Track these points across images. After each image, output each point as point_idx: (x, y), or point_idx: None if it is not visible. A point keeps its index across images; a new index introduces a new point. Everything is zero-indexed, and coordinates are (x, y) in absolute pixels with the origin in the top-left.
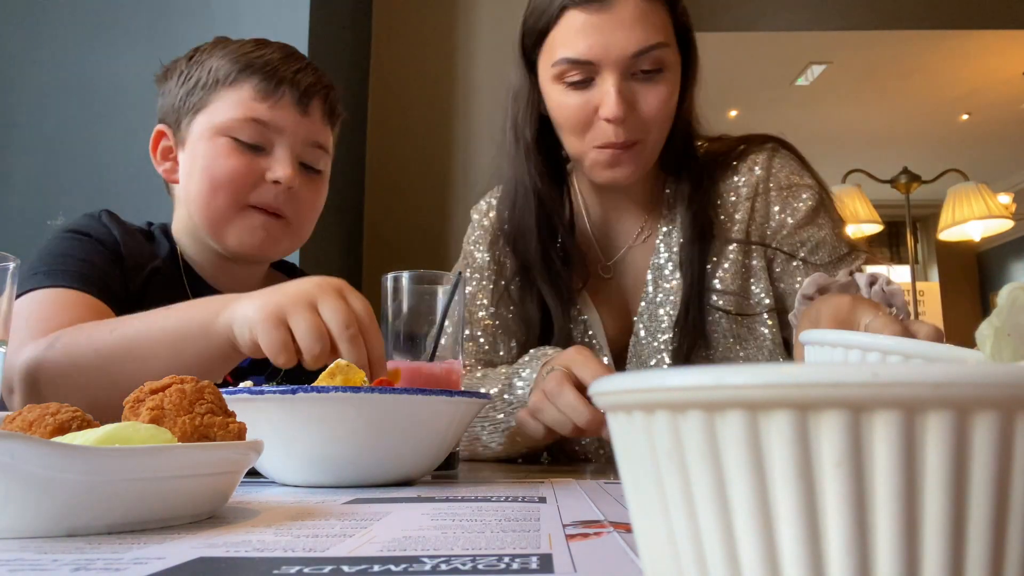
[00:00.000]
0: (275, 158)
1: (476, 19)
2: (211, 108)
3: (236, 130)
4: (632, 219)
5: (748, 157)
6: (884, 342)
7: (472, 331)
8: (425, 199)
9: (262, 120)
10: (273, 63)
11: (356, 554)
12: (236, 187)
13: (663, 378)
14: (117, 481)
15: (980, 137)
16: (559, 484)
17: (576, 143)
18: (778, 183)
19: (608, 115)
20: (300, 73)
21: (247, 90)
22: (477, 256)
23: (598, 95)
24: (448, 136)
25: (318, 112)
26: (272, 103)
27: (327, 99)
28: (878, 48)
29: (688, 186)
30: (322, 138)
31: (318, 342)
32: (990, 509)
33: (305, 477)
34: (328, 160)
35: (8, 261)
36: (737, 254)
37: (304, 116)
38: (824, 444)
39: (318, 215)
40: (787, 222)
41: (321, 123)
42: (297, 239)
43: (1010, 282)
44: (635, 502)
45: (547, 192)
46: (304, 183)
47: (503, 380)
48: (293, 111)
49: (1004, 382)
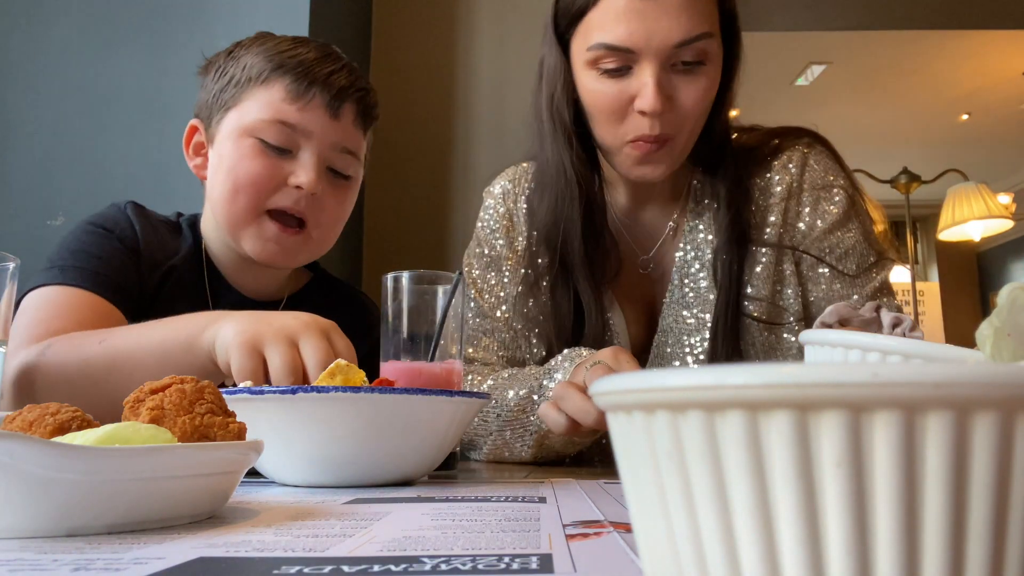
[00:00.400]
0: (300, 162)
1: (476, 19)
2: (242, 106)
3: (263, 131)
4: (660, 213)
5: (783, 154)
6: (884, 342)
7: (493, 325)
8: (425, 199)
9: (290, 122)
10: (307, 63)
11: (356, 554)
12: (257, 190)
13: (663, 378)
14: (117, 481)
15: (980, 137)
16: (559, 484)
17: (608, 134)
18: (812, 182)
19: (645, 108)
20: (334, 75)
21: (278, 90)
22: (497, 245)
23: (635, 85)
24: (448, 135)
25: (350, 116)
26: (302, 105)
27: (361, 103)
28: (878, 48)
29: (724, 184)
30: (352, 143)
31: (289, 376)
32: (990, 509)
33: (305, 477)
34: (359, 167)
35: (8, 261)
36: (770, 258)
37: (335, 120)
38: (824, 444)
39: (343, 223)
40: (816, 225)
41: (353, 127)
42: (318, 248)
43: (1010, 282)
44: (635, 502)
45: (588, 180)
46: (330, 190)
47: (533, 381)
48: (323, 114)
49: (1004, 382)
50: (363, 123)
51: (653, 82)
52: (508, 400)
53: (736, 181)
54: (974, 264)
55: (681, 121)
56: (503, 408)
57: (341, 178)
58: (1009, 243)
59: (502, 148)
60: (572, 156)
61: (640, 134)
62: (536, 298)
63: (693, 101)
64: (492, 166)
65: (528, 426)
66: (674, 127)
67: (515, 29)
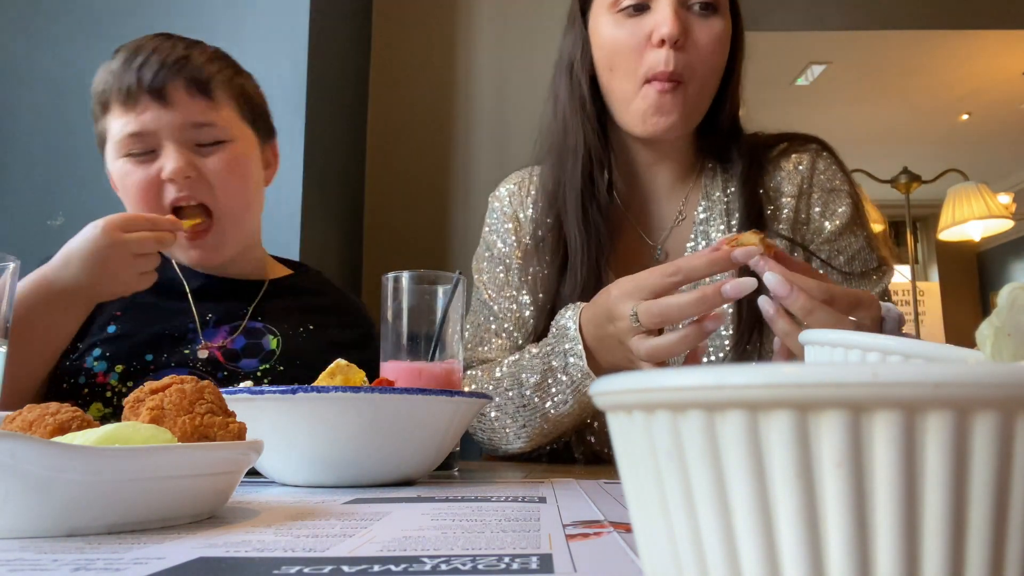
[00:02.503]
0: (164, 155)
1: (477, 19)
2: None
3: (124, 148)
4: (668, 200)
5: (792, 155)
6: (884, 342)
7: (501, 326)
8: (425, 199)
9: (135, 132)
10: (118, 73)
11: (356, 554)
12: (146, 198)
13: (663, 378)
14: (117, 481)
15: (980, 137)
16: (559, 484)
17: (624, 80)
18: (821, 185)
19: (664, 32)
20: (145, 68)
21: (115, 107)
22: (504, 245)
23: (652, 20)
24: (448, 136)
25: (180, 93)
26: (135, 112)
27: (183, 76)
28: (878, 48)
29: (739, 165)
30: (199, 115)
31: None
32: (990, 509)
33: (305, 477)
34: (226, 128)
35: (8, 261)
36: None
37: (167, 107)
38: (824, 444)
39: (247, 179)
40: (825, 227)
41: (190, 101)
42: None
43: (1010, 282)
44: (635, 502)
45: (596, 147)
46: (207, 161)
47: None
48: (153, 107)
49: (1004, 382)
50: (201, 91)
51: (671, 9)
52: (524, 391)
53: (749, 164)
54: (974, 264)
55: (696, 64)
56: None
57: (214, 146)
58: (1009, 243)
59: (502, 148)
60: (583, 118)
61: (657, 70)
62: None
63: (707, 42)
64: (492, 166)
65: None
66: (689, 68)
67: (515, 29)
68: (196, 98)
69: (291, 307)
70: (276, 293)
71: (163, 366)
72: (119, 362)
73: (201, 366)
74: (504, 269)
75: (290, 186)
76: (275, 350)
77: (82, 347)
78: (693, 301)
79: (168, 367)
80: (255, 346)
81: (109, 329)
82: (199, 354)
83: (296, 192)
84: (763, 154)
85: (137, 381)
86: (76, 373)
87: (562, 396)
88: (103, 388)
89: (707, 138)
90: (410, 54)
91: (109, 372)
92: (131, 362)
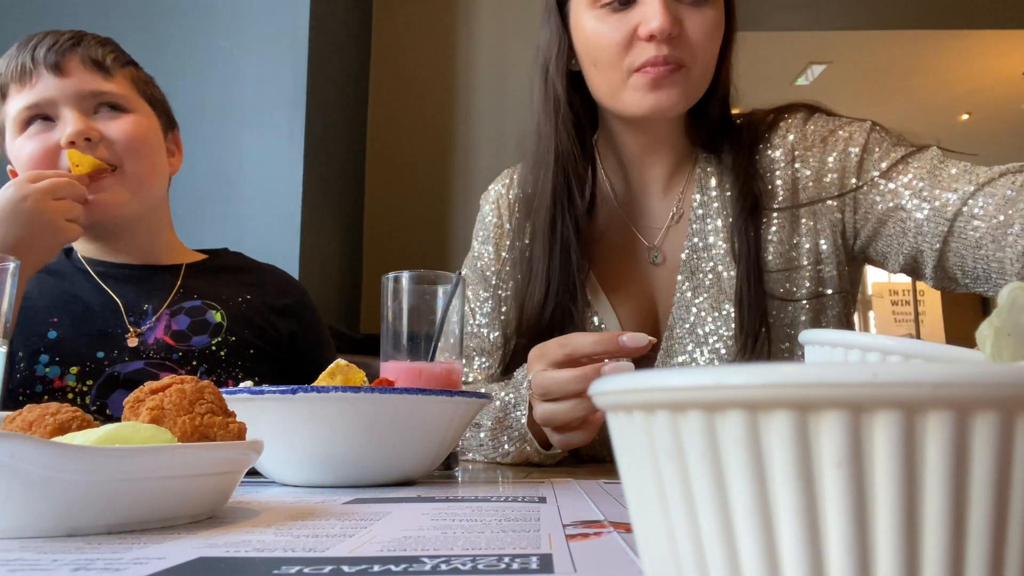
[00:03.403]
0: (60, 124)
1: (476, 19)
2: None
3: (23, 122)
4: (663, 197)
5: (779, 125)
6: (884, 342)
7: (482, 345)
8: (425, 199)
9: (32, 104)
10: (13, 55)
11: (356, 554)
12: (44, 165)
13: (663, 378)
14: (117, 481)
15: (980, 137)
16: (559, 484)
17: (611, 73)
18: (816, 137)
19: (653, 27)
20: (39, 47)
21: (13, 89)
22: (481, 250)
23: (638, 14)
24: (448, 136)
25: (75, 65)
26: (31, 85)
27: (78, 52)
28: (878, 48)
29: (730, 156)
30: (97, 86)
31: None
32: (990, 509)
33: (305, 477)
34: (125, 98)
35: (8, 261)
36: (782, 224)
37: (62, 76)
38: (824, 444)
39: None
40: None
41: (87, 73)
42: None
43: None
44: (635, 502)
45: (570, 152)
46: (108, 126)
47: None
48: (50, 79)
49: (1004, 382)
50: (97, 66)
51: (659, 2)
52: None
53: (740, 153)
54: None
55: (693, 49)
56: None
57: (117, 111)
58: None
59: (502, 148)
60: (557, 123)
61: (648, 57)
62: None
63: (702, 29)
64: (492, 166)
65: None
66: (687, 53)
67: (515, 29)
68: (92, 71)
69: (220, 283)
70: (197, 274)
71: (116, 360)
72: (72, 364)
73: (154, 353)
74: (481, 279)
75: (290, 186)
76: (222, 323)
77: (23, 355)
78: (572, 378)
79: (122, 361)
80: (201, 323)
81: (50, 335)
82: (149, 341)
83: (296, 192)
84: (755, 135)
85: (96, 379)
86: (31, 383)
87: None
88: (63, 391)
89: (699, 126)
90: (410, 54)
91: (64, 375)
92: (84, 362)
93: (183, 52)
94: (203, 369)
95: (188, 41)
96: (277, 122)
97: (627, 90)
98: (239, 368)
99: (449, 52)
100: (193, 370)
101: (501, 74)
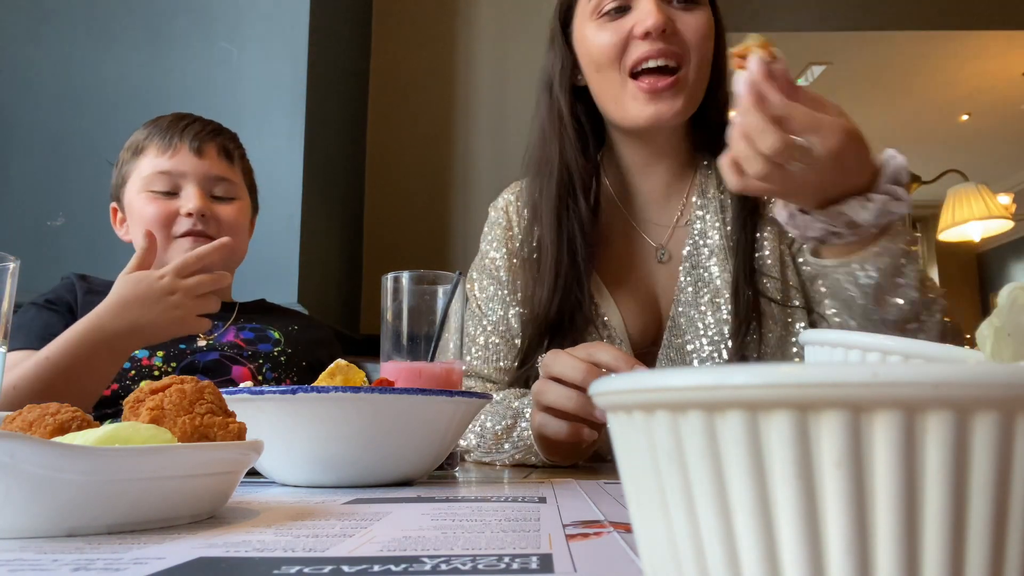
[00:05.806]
0: (185, 196)
1: (476, 19)
2: (133, 176)
3: (150, 184)
4: (668, 200)
5: None
6: (884, 342)
7: (488, 340)
8: (425, 199)
9: (166, 170)
10: (164, 124)
11: (356, 554)
12: (159, 227)
13: (663, 378)
14: (117, 481)
15: (980, 137)
16: (559, 484)
17: (612, 74)
18: None
19: (648, 26)
20: (188, 127)
21: (151, 151)
22: (492, 255)
23: (634, 17)
24: (448, 136)
25: (212, 152)
26: (171, 155)
27: (217, 141)
28: (878, 48)
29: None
30: (223, 172)
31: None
32: (990, 509)
33: (305, 477)
34: (238, 188)
35: (8, 261)
36: (773, 242)
37: (200, 158)
38: (824, 444)
39: (245, 231)
40: None
41: (218, 160)
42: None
43: (1010, 282)
44: (635, 502)
45: (575, 160)
46: (219, 210)
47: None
48: (189, 156)
49: (1004, 382)
50: (227, 156)
51: (652, 3)
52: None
53: None
54: (974, 264)
55: (686, 50)
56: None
57: (225, 201)
58: (1009, 243)
59: (502, 149)
60: (561, 133)
61: (644, 51)
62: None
63: (694, 28)
64: (492, 166)
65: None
66: (680, 56)
67: (515, 29)
68: (222, 159)
69: (271, 316)
70: (251, 311)
71: (197, 351)
72: (158, 349)
73: (228, 349)
74: (495, 281)
75: (290, 186)
76: (279, 339)
77: None
78: (567, 397)
79: (201, 351)
80: (263, 336)
81: None
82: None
83: (296, 192)
84: None
85: (179, 362)
86: None
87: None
88: (150, 369)
89: (700, 134)
90: (410, 54)
91: (152, 356)
92: (169, 348)
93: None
94: (267, 366)
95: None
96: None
97: (628, 97)
98: (295, 373)
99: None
100: (259, 368)
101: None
